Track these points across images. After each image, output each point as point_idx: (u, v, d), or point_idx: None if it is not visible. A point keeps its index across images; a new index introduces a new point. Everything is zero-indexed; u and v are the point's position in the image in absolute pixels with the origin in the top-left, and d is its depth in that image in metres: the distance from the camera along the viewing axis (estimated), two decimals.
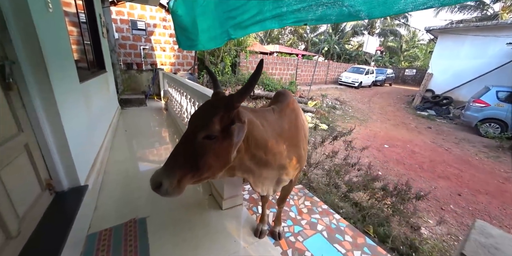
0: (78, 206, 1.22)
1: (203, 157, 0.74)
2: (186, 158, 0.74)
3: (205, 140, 0.73)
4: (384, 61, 24.71)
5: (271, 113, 1.06)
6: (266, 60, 11.57)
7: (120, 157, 2.48)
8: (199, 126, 0.74)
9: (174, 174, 0.73)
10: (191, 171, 0.75)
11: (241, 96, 0.74)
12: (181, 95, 3.42)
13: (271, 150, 0.95)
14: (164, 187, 0.73)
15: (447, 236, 2.57)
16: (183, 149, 0.76)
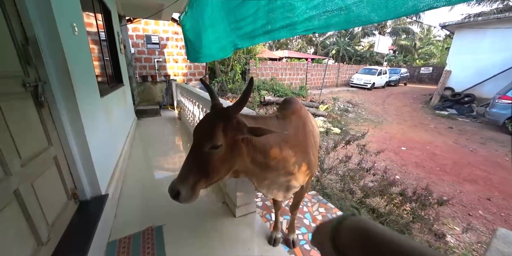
0: (100, 214, 1.29)
1: (211, 164, 0.83)
2: (197, 167, 0.84)
3: (211, 149, 0.82)
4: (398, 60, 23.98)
5: (273, 119, 1.11)
6: (276, 66, 11.67)
7: (137, 166, 2.60)
8: (205, 138, 0.82)
9: (189, 182, 0.82)
10: (203, 177, 0.84)
11: (236, 107, 0.83)
12: (193, 105, 3.54)
13: (273, 155, 0.99)
14: (182, 195, 0.82)
15: (477, 244, 2.38)
16: (193, 159, 0.84)
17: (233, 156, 0.87)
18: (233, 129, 0.84)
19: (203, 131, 0.85)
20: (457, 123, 7.56)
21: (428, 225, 2.16)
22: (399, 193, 2.34)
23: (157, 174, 2.44)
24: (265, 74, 11.30)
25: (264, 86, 9.38)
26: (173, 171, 2.50)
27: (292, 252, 1.44)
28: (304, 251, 1.46)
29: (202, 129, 0.85)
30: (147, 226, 1.54)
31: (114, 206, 1.70)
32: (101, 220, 1.28)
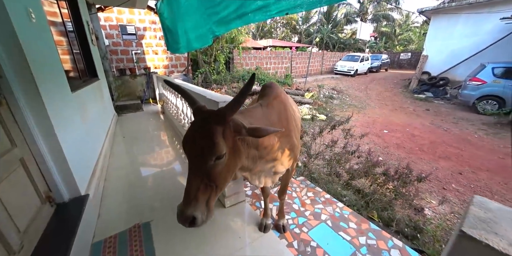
0: (80, 216, 1.23)
1: (219, 175, 0.76)
2: (204, 184, 0.74)
3: (216, 161, 0.74)
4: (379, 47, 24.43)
5: (258, 109, 1.07)
6: (260, 55, 11.46)
7: (120, 163, 2.49)
8: (207, 151, 0.72)
9: (201, 203, 0.74)
10: (213, 191, 0.77)
11: (232, 109, 0.74)
12: (177, 97, 3.41)
13: (262, 145, 0.96)
14: (199, 219, 0.73)
15: (451, 214, 2.59)
16: (197, 177, 0.74)
17: (235, 159, 0.81)
18: (231, 132, 0.76)
19: (202, 144, 0.72)
20: (433, 105, 7.98)
21: (409, 201, 2.31)
22: (382, 173, 2.45)
23: (143, 170, 2.36)
24: (250, 63, 11.08)
25: (249, 76, 9.23)
26: (160, 167, 2.43)
27: (283, 237, 1.47)
28: (294, 234, 1.50)
29: (200, 141, 0.72)
30: (134, 223, 1.50)
31: (96, 206, 1.63)
32: (82, 222, 1.22)
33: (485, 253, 0.48)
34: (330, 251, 1.36)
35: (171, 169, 2.39)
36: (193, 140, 0.74)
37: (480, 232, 0.51)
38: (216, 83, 8.63)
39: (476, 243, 0.49)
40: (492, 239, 0.48)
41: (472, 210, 0.60)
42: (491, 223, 0.54)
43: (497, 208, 0.61)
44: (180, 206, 0.75)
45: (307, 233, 1.51)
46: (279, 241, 1.40)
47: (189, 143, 0.75)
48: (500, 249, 0.46)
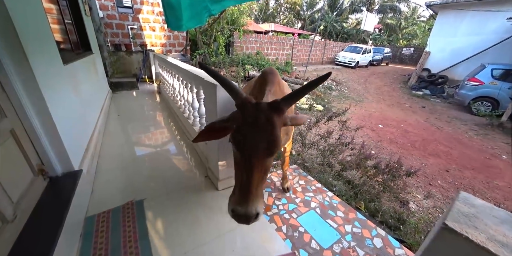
0: (74, 190, 1.23)
1: (270, 165, 0.76)
2: (262, 177, 0.73)
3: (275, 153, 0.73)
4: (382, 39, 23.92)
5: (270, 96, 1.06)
6: (261, 40, 11.09)
7: (115, 141, 2.46)
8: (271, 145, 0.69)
9: (260, 196, 0.73)
10: (264, 181, 0.76)
11: (290, 103, 0.74)
12: (173, 78, 3.31)
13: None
14: (261, 213, 0.73)
15: (433, 209, 2.74)
16: (259, 172, 0.71)
17: None
18: (283, 123, 0.76)
19: (266, 138, 0.68)
20: (429, 103, 8.06)
21: (396, 194, 2.41)
22: (373, 166, 2.52)
23: (138, 150, 2.34)
24: (250, 47, 10.73)
25: (248, 61, 8.97)
26: (155, 148, 2.41)
27: (272, 221, 1.53)
28: (284, 219, 1.56)
29: (265, 135, 0.68)
30: (127, 200, 1.52)
31: (90, 181, 1.63)
32: (76, 196, 1.22)
33: (464, 245, 0.50)
34: (316, 237, 1.43)
35: (166, 150, 2.38)
36: (255, 134, 0.69)
37: (461, 225, 0.53)
38: (214, 65, 8.38)
39: (456, 235, 0.51)
40: (472, 233, 0.51)
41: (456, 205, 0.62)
42: (473, 218, 0.56)
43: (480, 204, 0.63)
44: (239, 206, 0.70)
45: (296, 219, 1.57)
46: (269, 225, 1.45)
47: (249, 138, 0.69)
48: (478, 242, 0.49)
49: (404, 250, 1.45)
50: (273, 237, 1.34)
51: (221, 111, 1.45)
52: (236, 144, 0.71)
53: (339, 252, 1.36)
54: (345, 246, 1.40)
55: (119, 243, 1.18)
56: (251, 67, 8.62)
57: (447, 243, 0.54)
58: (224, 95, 1.43)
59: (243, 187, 0.70)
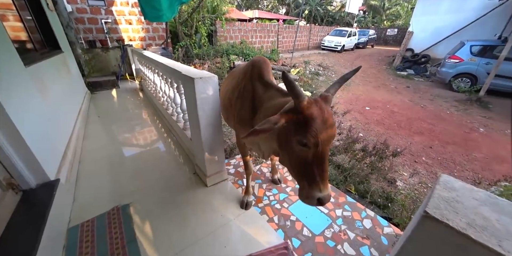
0: (51, 201, 1.16)
1: None
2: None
3: None
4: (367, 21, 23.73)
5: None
6: (245, 28, 10.71)
7: (96, 145, 2.36)
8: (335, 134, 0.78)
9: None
10: None
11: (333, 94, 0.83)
12: (154, 73, 3.16)
13: None
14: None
15: (419, 185, 2.86)
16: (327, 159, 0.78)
17: None
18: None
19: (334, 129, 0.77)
20: (413, 83, 8.21)
21: (383, 174, 2.47)
22: (361, 149, 2.56)
23: (122, 151, 2.26)
24: (234, 37, 10.37)
25: (233, 50, 8.70)
26: (140, 147, 2.33)
27: (264, 213, 1.53)
28: (275, 210, 1.57)
29: (334, 126, 0.77)
30: (113, 206, 1.47)
31: (70, 190, 1.56)
32: (54, 207, 1.16)
33: (446, 232, 0.50)
34: (308, 224, 1.45)
35: (153, 149, 2.31)
36: (328, 128, 0.74)
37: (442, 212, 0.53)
38: (198, 57, 8.08)
39: (437, 222, 0.51)
40: (453, 219, 0.50)
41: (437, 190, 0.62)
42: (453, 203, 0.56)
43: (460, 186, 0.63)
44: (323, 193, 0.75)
45: (287, 208, 1.58)
46: (260, 217, 1.45)
47: (328, 129, 0.74)
48: (458, 229, 0.48)
49: (392, 228, 1.50)
50: (265, 229, 1.35)
51: (201, 105, 1.39)
52: (311, 141, 0.72)
53: (331, 236, 1.39)
54: (336, 230, 1.44)
55: (106, 250, 1.14)
56: (236, 57, 8.37)
57: (428, 231, 0.54)
58: (202, 88, 1.36)
59: (321, 176, 0.75)
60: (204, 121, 1.44)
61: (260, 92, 1.11)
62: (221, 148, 1.63)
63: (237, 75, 1.37)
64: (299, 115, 0.73)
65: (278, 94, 1.02)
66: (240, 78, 1.28)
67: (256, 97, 1.12)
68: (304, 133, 0.72)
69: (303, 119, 0.73)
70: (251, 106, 1.13)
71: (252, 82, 1.17)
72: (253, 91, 1.14)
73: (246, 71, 1.24)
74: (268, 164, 2.10)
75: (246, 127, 1.17)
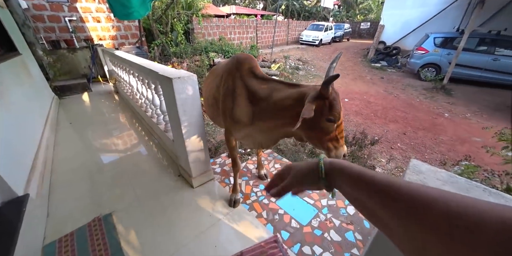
0: (20, 219, 1.07)
1: None
2: None
3: None
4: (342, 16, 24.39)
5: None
6: (223, 24, 10.50)
7: (70, 153, 2.20)
8: None
9: None
10: None
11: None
12: (128, 74, 3.00)
13: None
14: None
15: (395, 169, 3.05)
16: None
17: None
18: None
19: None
20: (386, 74, 8.65)
21: (363, 163, 2.60)
22: None
23: (101, 158, 2.13)
24: (212, 33, 10.13)
25: (212, 48, 8.50)
26: (121, 153, 2.22)
27: (252, 209, 1.55)
28: (263, 205, 1.59)
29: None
30: (93, 217, 1.39)
31: (43, 205, 1.45)
32: (24, 225, 1.07)
33: None
34: (296, 216, 1.50)
35: (133, 153, 2.22)
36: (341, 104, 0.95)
37: None
38: (176, 56, 7.80)
39: None
40: None
41: (407, 174, 0.66)
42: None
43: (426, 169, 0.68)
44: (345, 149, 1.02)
45: (275, 202, 1.61)
46: (249, 213, 1.47)
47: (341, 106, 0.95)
48: None
49: None
50: (254, 225, 1.37)
51: (181, 105, 1.35)
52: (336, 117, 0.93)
53: (318, 225, 1.45)
54: (322, 219, 1.50)
55: None
56: (216, 54, 8.20)
57: None
58: (181, 88, 1.33)
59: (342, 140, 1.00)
60: (185, 122, 1.41)
61: (256, 87, 1.14)
62: (205, 148, 1.61)
63: (220, 73, 1.35)
64: (326, 101, 0.91)
65: (282, 85, 1.09)
66: (225, 76, 1.26)
67: (252, 92, 1.14)
68: (333, 112, 0.92)
69: (330, 103, 0.91)
70: (247, 102, 1.16)
71: (244, 79, 1.18)
72: (246, 87, 1.16)
73: (231, 69, 1.23)
74: (254, 161, 2.12)
75: (241, 123, 1.21)
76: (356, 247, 1.32)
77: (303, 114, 0.85)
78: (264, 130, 1.17)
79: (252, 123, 1.16)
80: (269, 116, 1.08)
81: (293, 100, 0.99)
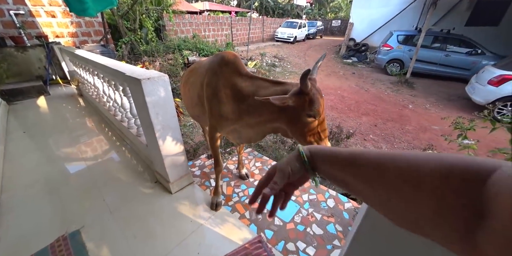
0: None
1: None
2: None
3: None
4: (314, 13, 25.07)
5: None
6: (196, 21, 10.16)
7: (25, 166, 1.95)
8: None
9: None
10: None
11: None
12: (93, 75, 2.76)
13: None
14: None
15: None
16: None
17: None
18: None
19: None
20: (357, 69, 9.12)
21: None
22: None
23: (68, 167, 1.93)
24: (185, 30, 9.75)
25: (186, 45, 8.19)
26: (89, 161, 2.02)
27: (235, 210, 1.53)
28: (246, 206, 1.58)
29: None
30: (57, 236, 1.25)
31: None
32: None
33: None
34: (278, 213, 1.51)
35: (104, 161, 2.04)
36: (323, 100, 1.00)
37: None
38: (147, 55, 7.36)
39: None
40: None
41: None
42: None
43: None
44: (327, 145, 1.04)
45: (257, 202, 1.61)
46: (231, 215, 1.44)
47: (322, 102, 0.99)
48: None
49: (351, 203, 1.68)
50: (237, 227, 1.35)
51: (153, 108, 1.27)
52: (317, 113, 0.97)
53: (300, 221, 1.48)
54: (304, 214, 1.53)
55: None
56: (190, 52, 7.92)
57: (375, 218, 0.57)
58: (152, 90, 1.24)
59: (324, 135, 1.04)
60: (158, 125, 1.33)
61: (242, 84, 1.18)
62: (182, 150, 1.54)
63: (203, 71, 1.34)
64: (306, 96, 0.94)
65: (267, 83, 1.13)
66: (210, 74, 1.26)
67: (239, 89, 1.18)
68: (312, 108, 0.95)
69: (309, 99, 0.94)
70: (235, 99, 1.19)
71: (230, 77, 1.20)
72: (233, 85, 1.19)
73: (216, 67, 1.24)
74: (234, 161, 2.09)
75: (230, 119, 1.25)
76: (337, 239, 1.37)
77: (272, 98, 0.90)
78: (252, 126, 1.21)
79: (240, 119, 1.20)
80: (257, 112, 1.12)
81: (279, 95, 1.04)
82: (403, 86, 7.06)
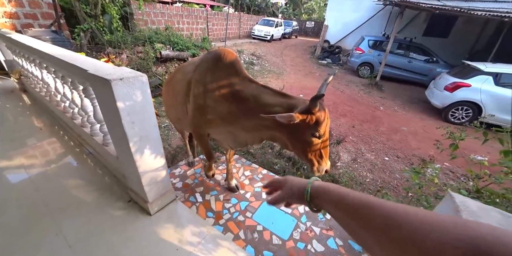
0: None
1: None
2: None
3: None
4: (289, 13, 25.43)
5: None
6: (169, 12, 9.45)
7: None
8: None
9: None
10: None
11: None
12: (40, 68, 2.26)
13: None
14: None
15: (352, 161, 3.33)
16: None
17: None
18: None
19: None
20: (332, 70, 9.47)
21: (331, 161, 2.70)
22: None
23: (6, 185, 1.51)
24: (157, 21, 8.98)
25: (158, 38, 7.50)
26: (44, 175, 1.61)
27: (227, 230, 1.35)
28: (239, 223, 1.42)
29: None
30: None
31: None
32: None
33: None
34: (276, 231, 1.38)
35: (58, 175, 1.64)
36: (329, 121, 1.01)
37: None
38: (111, 46, 6.56)
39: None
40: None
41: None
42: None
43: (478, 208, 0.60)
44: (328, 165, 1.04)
45: (251, 218, 1.46)
46: (224, 237, 1.26)
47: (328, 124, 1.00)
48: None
49: None
50: (232, 251, 1.17)
51: (127, 116, 1.01)
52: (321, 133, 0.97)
53: (299, 238, 1.37)
54: (303, 229, 1.43)
55: None
56: (163, 45, 7.28)
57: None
58: (126, 93, 0.98)
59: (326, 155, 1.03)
60: (135, 137, 1.07)
61: (241, 86, 1.13)
62: (163, 164, 1.30)
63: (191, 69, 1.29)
64: (313, 116, 0.93)
65: (269, 91, 1.10)
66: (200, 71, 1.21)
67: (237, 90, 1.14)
68: (317, 128, 0.95)
69: (317, 119, 0.94)
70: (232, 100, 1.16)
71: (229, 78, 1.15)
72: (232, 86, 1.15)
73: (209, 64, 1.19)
74: (222, 170, 1.90)
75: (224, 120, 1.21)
76: (339, 255, 1.30)
77: (278, 116, 0.88)
78: (249, 130, 1.18)
79: (237, 121, 1.16)
80: (256, 117, 1.06)
81: (283, 109, 1.02)
82: (374, 88, 7.53)
